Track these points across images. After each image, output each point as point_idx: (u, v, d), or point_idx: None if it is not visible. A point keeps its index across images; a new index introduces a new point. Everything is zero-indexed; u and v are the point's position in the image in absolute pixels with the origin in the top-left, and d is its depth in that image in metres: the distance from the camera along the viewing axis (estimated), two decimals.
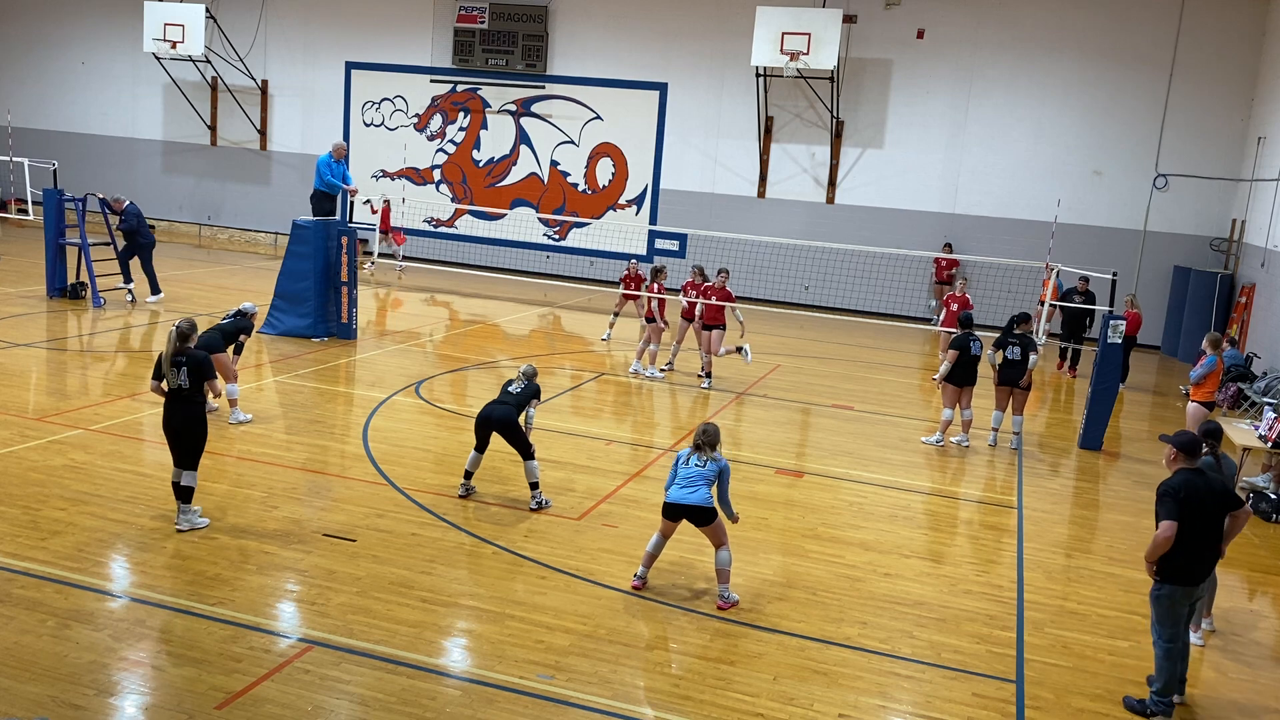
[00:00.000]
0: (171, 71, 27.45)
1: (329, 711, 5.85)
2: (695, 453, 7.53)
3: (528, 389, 9.38)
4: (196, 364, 7.96)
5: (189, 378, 7.95)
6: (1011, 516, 10.18)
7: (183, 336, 8.02)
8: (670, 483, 7.58)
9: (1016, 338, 12.33)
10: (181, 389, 7.96)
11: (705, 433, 7.57)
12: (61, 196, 17.48)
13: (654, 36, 24.16)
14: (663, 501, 7.55)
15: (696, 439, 7.58)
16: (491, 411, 9.13)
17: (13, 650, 6.21)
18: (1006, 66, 22.02)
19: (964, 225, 22.52)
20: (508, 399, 9.22)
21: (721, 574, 7.55)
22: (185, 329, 8.09)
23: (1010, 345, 12.33)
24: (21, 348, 14.01)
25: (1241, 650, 7.70)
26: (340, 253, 16.06)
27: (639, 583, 7.72)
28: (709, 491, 7.45)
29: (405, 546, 8.19)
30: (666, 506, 7.51)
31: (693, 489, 7.41)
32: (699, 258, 23.08)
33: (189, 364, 7.95)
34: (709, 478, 7.46)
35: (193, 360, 7.97)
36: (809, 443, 12.50)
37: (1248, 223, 19.73)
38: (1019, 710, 6.44)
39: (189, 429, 8.02)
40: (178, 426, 8.00)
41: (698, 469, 7.46)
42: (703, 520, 7.44)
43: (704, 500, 7.41)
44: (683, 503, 7.40)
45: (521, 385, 9.38)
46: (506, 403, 9.17)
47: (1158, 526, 6.27)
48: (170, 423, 8.03)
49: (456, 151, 26.12)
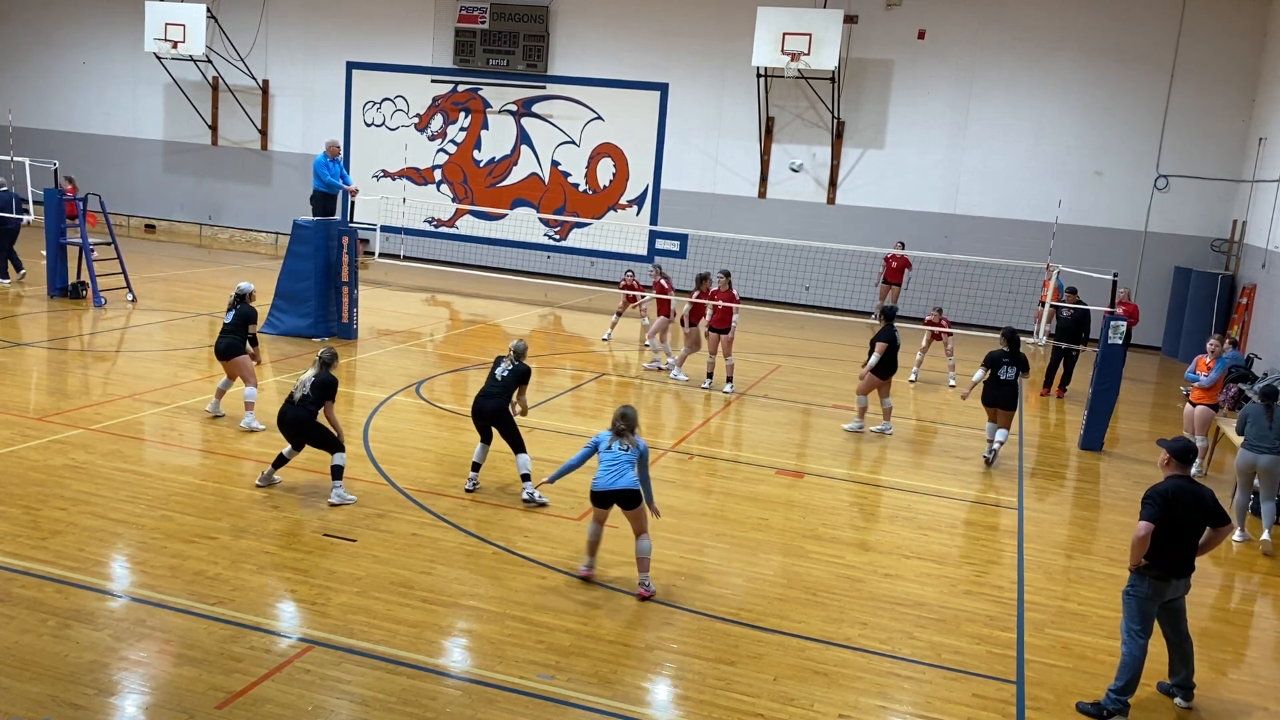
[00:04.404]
0: (172, 71, 27.46)
1: (329, 711, 5.85)
2: (617, 438, 7.65)
3: (516, 372, 9.50)
4: (322, 385, 8.99)
5: (313, 391, 8.97)
6: (1012, 517, 10.18)
7: (323, 364, 9.10)
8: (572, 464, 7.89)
9: (1012, 357, 11.60)
10: (306, 399, 8.98)
11: (625, 417, 7.71)
12: (62, 196, 17.50)
13: (655, 37, 24.16)
14: (590, 491, 7.65)
15: (616, 424, 7.70)
16: (483, 406, 9.41)
17: (13, 650, 6.21)
18: (1007, 67, 22.02)
19: (964, 226, 22.52)
20: (495, 388, 9.42)
21: (642, 562, 7.62)
22: (327, 358, 9.14)
23: (1005, 365, 11.58)
24: (22, 347, 14.02)
25: (1241, 650, 7.70)
26: (340, 253, 16.07)
27: (587, 571, 7.81)
28: (634, 475, 7.58)
29: (405, 546, 8.19)
30: (596, 495, 7.61)
31: (619, 474, 7.53)
32: (699, 258, 23.11)
33: (316, 383, 8.98)
34: (632, 461, 7.60)
35: (321, 380, 9.01)
36: (809, 443, 12.49)
37: (1248, 224, 19.72)
38: (1019, 711, 6.44)
39: (304, 429, 8.99)
40: (293, 424, 8.99)
41: (621, 454, 7.59)
42: (631, 504, 7.54)
43: (632, 483, 7.54)
44: (612, 489, 7.52)
45: (510, 367, 9.51)
46: (495, 393, 9.40)
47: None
48: (285, 420, 9.04)
49: (457, 151, 26.13)
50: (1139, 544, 6.27)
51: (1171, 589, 6.40)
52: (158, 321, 16.59)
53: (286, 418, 9.00)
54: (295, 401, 8.98)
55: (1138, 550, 6.29)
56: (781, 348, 18.37)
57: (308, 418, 8.95)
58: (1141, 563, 6.32)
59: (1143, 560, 6.31)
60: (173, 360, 13.90)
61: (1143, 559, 6.31)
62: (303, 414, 8.94)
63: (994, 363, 11.59)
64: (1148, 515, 6.30)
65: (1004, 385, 11.57)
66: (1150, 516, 6.28)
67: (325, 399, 9.01)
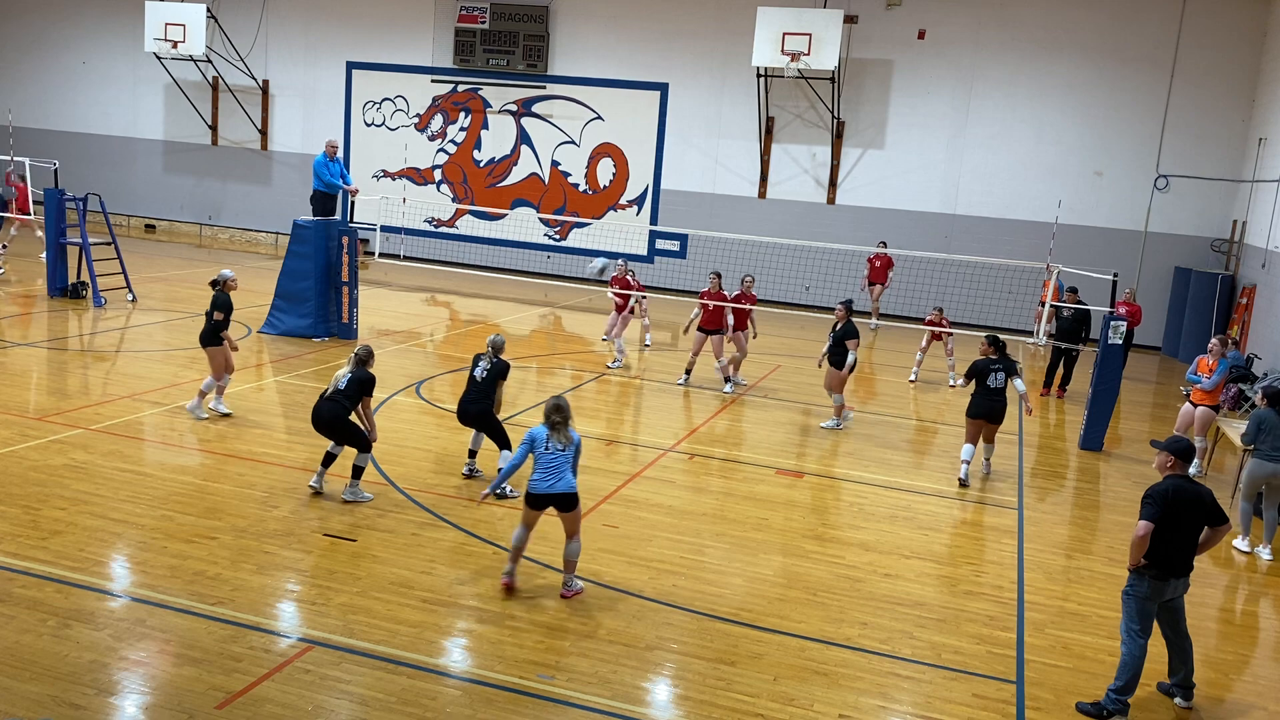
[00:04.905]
0: (172, 71, 27.46)
1: (329, 711, 5.85)
2: (554, 434, 7.34)
3: (495, 370, 9.55)
4: (359, 381, 9.02)
5: (349, 387, 8.98)
6: (1012, 517, 10.17)
7: (360, 362, 9.09)
8: (513, 466, 7.50)
9: (1000, 362, 10.82)
10: (340, 394, 9.01)
11: (559, 409, 7.39)
12: (62, 196, 17.50)
13: (655, 37, 24.16)
14: (528, 491, 7.34)
15: (552, 417, 7.36)
16: (466, 410, 9.60)
17: (13, 649, 6.21)
18: (1007, 67, 22.02)
19: (965, 226, 22.53)
20: (475, 392, 9.55)
21: (570, 564, 7.50)
22: (364, 356, 9.14)
23: (994, 371, 10.74)
24: (22, 347, 14.02)
25: (1241, 650, 7.71)
26: (341, 252, 16.07)
27: (509, 580, 7.49)
28: (572, 477, 7.34)
29: (405, 546, 8.19)
30: (532, 498, 7.32)
31: (558, 477, 7.28)
32: (699, 258, 23.12)
33: (354, 377, 9.02)
34: (570, 460, 7.34)
35: (357, 377, 9.03)
36: (809, 443, 12.49)
37: (1248, 224, 19.72)
38: (1019, 711, 6.44)
39: (340, 425, 9.03)
40: (329, 421, 9.02)
41: (559, 454, 7.30)
42: (567, 507, 7.33)
43: (570, 487, 7.31)
44: (551, 492, 7.27)
45: (488, 366, 9.57)
46: (475, 397, 9.54)
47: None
48: (320, 415, 9.05)
49: (457, 151, 26.13)
50: (1138, 543, 6.29)
51: (1171, 588, 6.40)
52: (158, 321, 16.59)
53: (321, 413, 9.05)
54: (328, 397, 9.05)
55: (1137, 550, 6.31)
56: (782, 348, 18.38)
57: (342, 413, 9.00)
58: (1141, 562, 6.33)
59: (1142, 560, 6.32)
60: (173, 360, 13.90)
61: (1142, 558, 6.32)
62: (337, 409, 9.00)
63: (980, 373, 10.83)
64: (1147, 515, 6.31)
65: (995, 395, 10.78)
66: (1149, 516, 6.29)
67: (362, 395, 9.08)
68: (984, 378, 10.80)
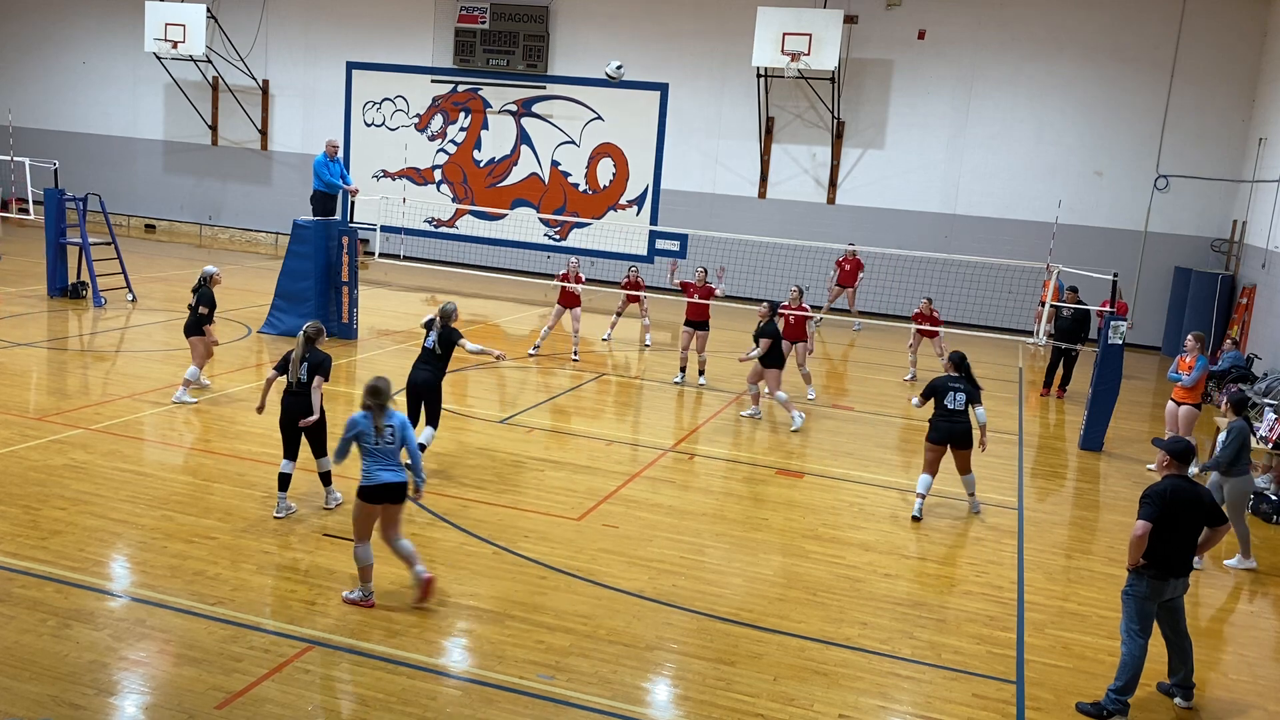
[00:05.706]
0: (172, 71, 27.45)
1: (329, 711, 5.85)
2: (381, 417, 6.97)
3: (444, 339, 9.76)
4: (317, 363, 8.66)
5: (308, 374, 8.62)
6: (1012, 517, 10.17)
7: (309, 340, 8.72)
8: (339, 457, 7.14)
9: (960, 381, 9.75)
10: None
11: (376, 392, 6.99)
12: (62, 196, 17.50)
13: (654, 37, 24.16)
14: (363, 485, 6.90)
15: (371, 401, 6.96)
16: (415, 378, 9.77)
17: (13, 650, 6.21)
18: (1007, 67, 22.01)
19: (965, 226, 22.52)
20: (427, 359, 9.79)
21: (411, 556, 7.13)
22: (312, 333, 8.80)
23: (953, 390, 9.66)
24: (22, 347, 14.02)
25: (1241, 650, 7.71)
26: (341, 253, 16.07)
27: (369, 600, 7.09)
28: (401, 467, 7.06)
29: None
30: (367, 491, 6.88)
31: (385, 467, 6.95)
32: (699, 258, 23.09)
33: (311, 361, 8.64)
34: (397, 449, 7.02)
35: (314, 359, 8.66)
36: (809, 443, 12.49)
37: (1248, 224, 19.72)
38: (1019, 711, 6.44)
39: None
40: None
41: (388, 445, 6.97)
42: (399, 497, 7.01)
43: (401, 477, 7.01)
44: (395, 481, 6.94)
45: (437, 334, 9.79)
46: (426, 363, 9.77)
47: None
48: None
49: (457, 151, 26.12)
50: (1137, 543, 6.29)
51: (1170, 588, 6.40)
52: (158, 321, 16.59)
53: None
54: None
55: (1136, 550, 6.31)
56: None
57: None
58: (1140, 562, 6.33)
59: (1141, 560, 6.32)
60: (173, 360, 13.89)
61: (1141, 558, 6.32)
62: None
63: (937, 391, 9.73)
64: (1145, 515, 6.32)
65: (954, 416, 9.62)
66: (1148, 516, 6.30)
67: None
68: (942, 396, 9.67)
